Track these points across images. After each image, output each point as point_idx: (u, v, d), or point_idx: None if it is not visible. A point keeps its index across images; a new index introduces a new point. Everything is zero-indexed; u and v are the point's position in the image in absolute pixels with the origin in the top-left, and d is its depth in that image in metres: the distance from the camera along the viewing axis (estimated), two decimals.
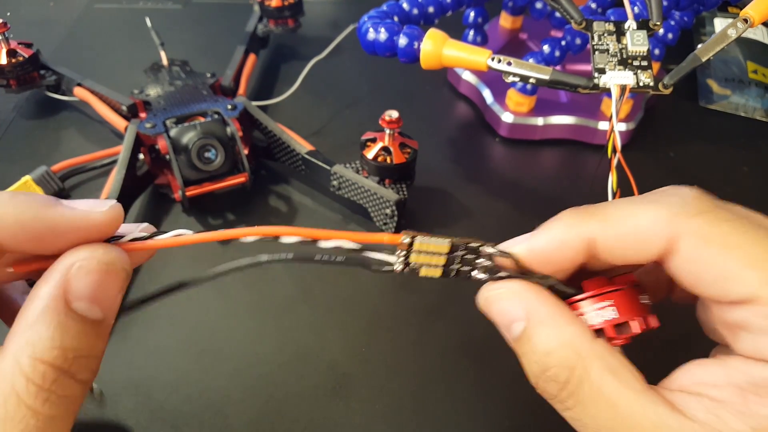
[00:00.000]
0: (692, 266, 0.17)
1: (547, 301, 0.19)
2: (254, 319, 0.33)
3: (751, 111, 0.48)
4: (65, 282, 0.16)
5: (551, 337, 0.18)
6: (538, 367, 0.18)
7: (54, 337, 0.16)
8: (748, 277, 0.16)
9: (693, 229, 0.17)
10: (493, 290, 0.20)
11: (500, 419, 0.29)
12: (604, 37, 0.30)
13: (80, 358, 0.16)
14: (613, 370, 0.18)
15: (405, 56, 0.34)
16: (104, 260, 0.17)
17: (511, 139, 0.45)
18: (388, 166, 0.36)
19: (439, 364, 0.31)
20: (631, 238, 0.18)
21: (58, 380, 0.16)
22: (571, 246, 0.19)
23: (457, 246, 0.19)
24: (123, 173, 0.36)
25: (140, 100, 0.40)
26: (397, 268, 0.20)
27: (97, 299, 0.17)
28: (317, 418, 0.29)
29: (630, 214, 0.18)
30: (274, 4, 0.50)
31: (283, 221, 0.39)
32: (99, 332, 0.17)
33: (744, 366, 0.17)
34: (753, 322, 0.17)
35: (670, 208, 0.18)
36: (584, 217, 0.19)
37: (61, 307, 0.16)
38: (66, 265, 0.17)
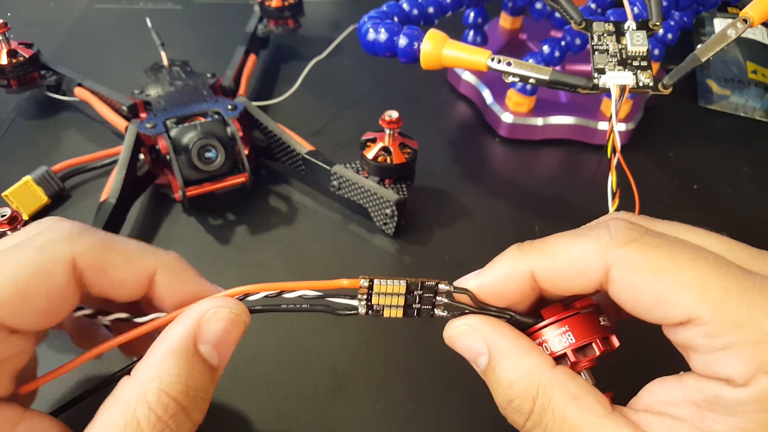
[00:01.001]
0: (628, 293, 0.18)
1: (506, 334, 0.20)
2: (254, 319, 0.33)
3: (750, 111, 0.48)
4: (199, 324, 0.18)
5: (512, 369, 0.19)
6: (504, 398, 0.19)
7: (181, 374, 0.17)
8: (681, 299, 0.17)
9: (622, 258, 0.18)
10: (454, 327, 0.21)
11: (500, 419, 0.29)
12: (604, 37, 0.31)
13: (197, 399, 0.18)
14: (575, 396, 0.18)
15: (405, 56, 0.34)
16: (235, 310, 0.19)
17: (511, 139, 0.45)
18: (388, 166, 0.36)
19: (439, 365, 0.31)
20: (566, 271, 0.19)
21: (177, 415, 0.17)
22: (515, 279, 0.20)
23: (414, 285, 0.20)
24: (123, 173, 0.36)
25: (140, 100, 0.40)
26: (361, 311, 0.21)
27: (219, 346, 0.19)
28: (317, 418, 0.29)
29: (562, 248, 0.19)
30: (275, 5, 0.50)
31: (283, 221, 0.39)
32: (213, 377, 0.19)
33: (698, 383, 0.17)
34: (696, 342, 0.17)
35: (599, 240, 0.18)
36: (524, 251, 0.20)
37: (190, 348, 0.18)
38: (200, 310, 0.19)
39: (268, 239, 0.38)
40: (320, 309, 0.21)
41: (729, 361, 0.16)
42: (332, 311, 0.21)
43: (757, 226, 0.40)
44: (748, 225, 0.39)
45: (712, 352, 0.17)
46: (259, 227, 0.38)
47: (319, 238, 0.38)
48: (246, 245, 0.37)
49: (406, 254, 0.37)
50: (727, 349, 0.16)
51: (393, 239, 0.37)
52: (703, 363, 0.17)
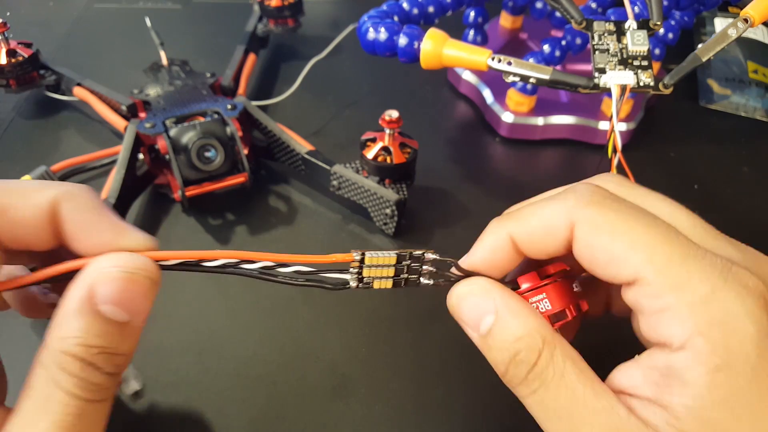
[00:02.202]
0: (587, 250, 0.19)
1: (513, 295, 0.21)
2: (254, 319, 0.33)
3: (751, 111, 0.48)
4: (92, 286, 0.18)
5: (520, 325, 0.20)
6: (508, 353, 0.20)
7: (79, 336, 0.18)
8: (632, 258, 0.18)
9: (585, 218, 0.19)
10: (463, 288, 0.22)
11: (501, 419, 0.29)
12: (605, 36, 0.30)
13: (104, 354, 0.18)
14: (573, 359, 0.19)
15: (405, 56, 0.34)
16: (126, 268, 0.19)
17: (512, 138, 0.45)
18: (388, 166, 0.36)
19: (439, 365, 0.31)
20: (540, 231, 0.20)
21: (85, 370, 0.18)
22: (499, 247, 0.21)
23: (403, 256, 0.21)
24: (123, 173, 0.36)
25: (140, 99, 0.40)
26: (352, 284, 0.21)
27: (121, 303, 0.18)
28: (317, 418, 0.29)
29: (535, 212, 0.21)
30: (274, 4, 0.50)
31: (283, 221, 0.39)
32: (124, 333, 0.19)
33: (650, 359, 0.18)
34: (642, 303, 0.18)
35: (566, 202, 0.20)
36: (502, 220, 0.22)
37: (87, 309, 0.18)
38: (91, 271, 0.19)
39: (268, 239, 0.37)
40: (312, 284, 0.21)
41: (668, 322, 0.18)
42: (323, 286, 0.21)
43: (757, 226, 0.40)
44: (748, 225, 0.39)
45: (654, 314, 0.18)
46: (258, 227, 0.38)
47: (319, 238, 0.38)
48: (246, 245, 0.37)
49: None
50: (666, 311, 0.18)
51: (393, 239, 0.37)
52: (646, 325, 0.18)
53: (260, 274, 0.21)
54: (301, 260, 0.21)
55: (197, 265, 0.21)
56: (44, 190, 0.19)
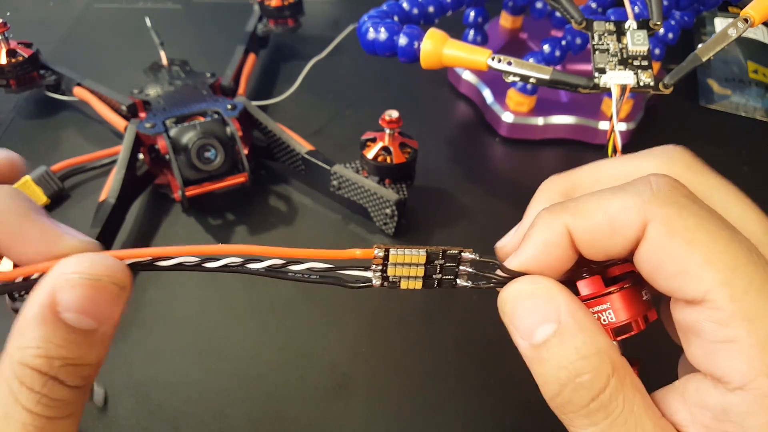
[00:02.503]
0: (655, 255, 0.17)
1: (581, 306, 0.18)
2: (254, 319, 0.33)
3: (751, 111, 0.48)
4: (53, 293, 0.16)
5: (589, 342, 0.17)
6: (567, 373, 0.17)
7: (39, 346, 0.16)
8: (705, 276, 0.16)
9: (661, 218, 0.17)
10: (527, 285, 0.18)
11: (501, 419, 0.29)
12: (605, 36, 0.30)
13: (68, 366, 0.16)
14: (641, 391, 0.17)
15: (405, 56, 0.34)
16: (89, 274, 0.17)
17: (512, 138, 0.45)
18: (388, 166, 0.36)
19: (439, 365, 0.31)
20: (604, 227, 0.17)
21: (47, 385, 0.16)
22: (556, 244, 0.18)
23: (435, 255, 0.19)
24: (123, 173, 0.36)
25: (140, 99, 0.40)
26: (375, 283, 0.19)
27: (86, 311, 0.17)
28: (317, 418, 0.29)
29: (599, 205, 0.18)
30: (274, 4, 0.50)
31: (283, 221, 0.39)
32: (92, 341, 0.17)
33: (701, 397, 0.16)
34: (703, 327, 0.16)
35: (640, 196, 0.17)
36: (556, 212, 0.18)
37: (48, 317, 0.16)
38: (53, 276, 0.17)
39: (268, 239, 0.37)
40: (330, 281, 0.19)
41: (730, 356, 0.15)
42: (342, 284, 0.19)
43: None
44: None
45: (716, 342, 0.16)
46: (258, 227, 0.38)
47: (319, 238, 0.38)
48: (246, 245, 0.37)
49: None
50: (732, 343, 0.15)
51: (393, 239, 0.37)
52: (702, 352, 0.16)
53: (267, 272, 0.19)
54: (315, 255, 0.18)
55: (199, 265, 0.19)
56: None
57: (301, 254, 0.19)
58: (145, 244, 0.37)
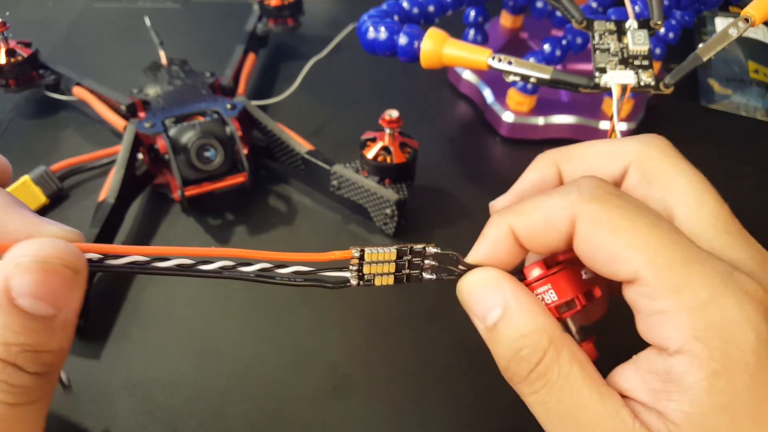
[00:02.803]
0: (587, 247, 0.19)
1: (523, 291, 0.20)
2: (254, 319, 0.33)
3: (752, 111, 0.48)
4: (6, 279, 0.16)
5: (527, 322, 0.19)
6: (511, 349, 0.19)
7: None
8: (631, 257, 0.18)
9: (587, 213, 0.19)
10: (476, 275, 0.21)
11: (501, 419, 0.29)
12: (605, 36, 0.30)
13: (27, 353, 0.16)
14: (580, 361, 0.19)
15: (405, 55, 0.34)
16: (41, 257, 0.17)
17: (512, 138, 0.45)
18: (388, 165, 0.36)
19: (439, 365, 0.31)
20: (541, 225, 0.20)
21: (6, 371, 0.16)
22: (502, 241, 0.21)
23: (403, 251, 0.21)
24: (122, 173, 0.36)
25: (139, 99, 0.40)
26: (353, 282, 0.21)
27: (42, 296, 0.16)
28: (317, 418, 0.29)
29: (536, 206, 0.20)
30: (274, 3, 0.50)
31: (283, 221, 0.38)
32: (52, 328, 0.17)
33: (648, 362, 0.18)
34: (640, 303, 0.18)
35: (569, 196, 0.19)
36: (504, 213, 0.21)
37: (4, 304, 0.16)
38: (5, 262, 0.17)
39: (268, 239, 0.37)
40: (312, 284, 0.21)
41: (665, 325, 0.17)
42: (323, 285, 0.21)
43: (758, 226, 0.39)
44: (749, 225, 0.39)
45: (652, 315, 0.18)
46: (258, 227, 0.38)
47: (319, 238, 0.38)
48: (245, 245, 0.37)
49: None
50: (664, 314, 0.17)
51: (393, 239, 0.37)
52: (644, 326, 0.18)
53: (257, 277, 0.20)
54: (298, 258, 0.20)
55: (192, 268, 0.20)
56: None
57: (284, 257, 0.20)
58: (144, 244, 0.37)
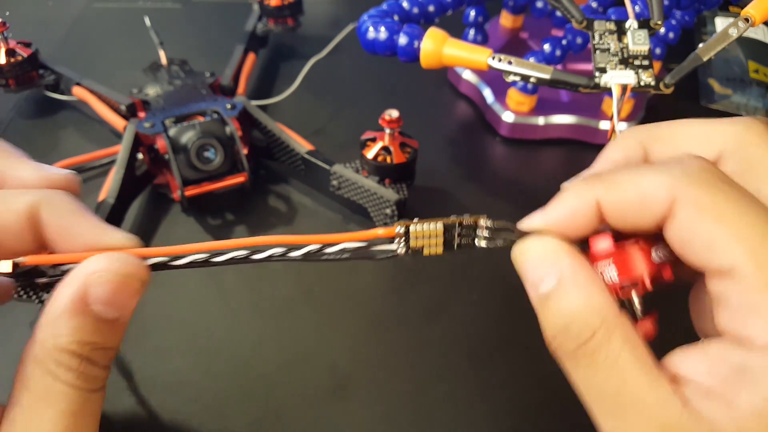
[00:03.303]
0: (684, 232, 0.18)
1: (582, 265, 0.19)
2: (254, 319, 0.33)
3: (752, 111, 0.48)
4: (85, 288, 0.19)
5: (581, 299, 0.18)
6: (560, 322, 0.19)
7: (73, 333, 0.18)
8: (732, 248, 0.17)
9: (691, 197, 0.18)
10: (535, 242, 0.20)
11: (501, 419, 0.29)
12: (605, 36, 0.30)
13: (97, 350, 0.19)
14: (632, 343, 0.18)
15: (405, 55, 0.34)
16: (121, 273, 0.19)
17: (512, 138, 0.45)
18: (388, 165, 0.36)
19: (440, 365, 0.31)
20: (634, 202, 0.19)
21: (83, 364, 0.19)
22: (583, 213, 0.19)
23: (451, 226, 0.21)
24: (122, 173, 0.36)
25: (139, 99, 0.40)
26: (400, 251, 0.21)
27: (112, 304, 0.19)
28: (317, 419, 0.29)
29: (632, 180, 0.19)
30: (274, 3, 0.50)
31: (283, 221, 0.38)
32: (115, 328, 0.20)
33: (722, 352, 0.17)
34: (731, 297, 0.17)
35: (672, 175, 0.18)
36: (591, 182, 0.20)
37: (79, 308, 0.19)
38: (86, 272, 0.19)
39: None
40: (360, 256, 0.21)
41: (755, 320, 0.16)
42: (370, 257, 0.21)
43: None
44: None
45: (742, 310, 0.17)
46: (258, 227, 0.38)
47: None
48: None
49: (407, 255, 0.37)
50: (756, 311, 0.16)
51: None
52: (728, 317, 0.17)
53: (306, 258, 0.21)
54: (340, 239, 0.21)
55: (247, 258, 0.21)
56: (22, 196, 0.20)
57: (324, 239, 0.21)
58: (145, 244, 0.37)
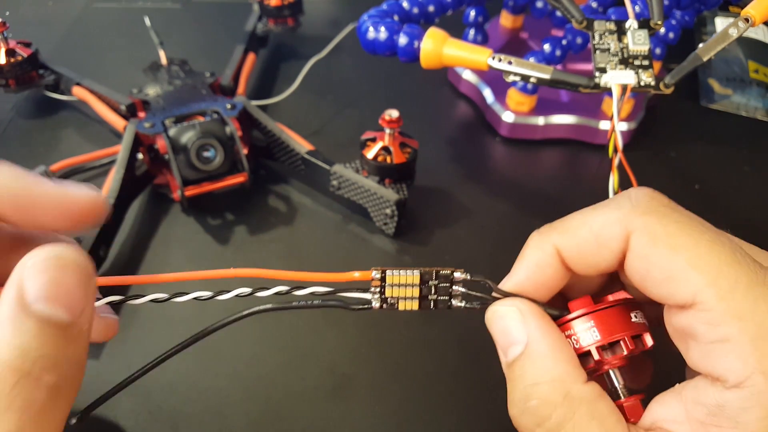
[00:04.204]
0: (641, 264, 0.17)
1: (550, 331, 0.18)
2: (254, 319, 0.33)
3: (752, 111, 0.48)
4: (20, 281, 0.16)
5: (544, 369, 0.18)
6: (521, 395, 0.18)
7: (12, 341, 0.15)
8: (692, 278, 0.16)
9: (642, 227, 0.17)
10: (502, 306, 0.19)
11: (501, 420, 0.29)
12: (605, 36, 0.30)
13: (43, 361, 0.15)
14: (599, 418, 0.17)
15: (405, 55, 0.34)
16: (55, 256, 0.16)
17: (512, 138, 0.45)
18: (388, 165, 0.36)
19: (439, 365, 0.31)
20: (590, 242, 0.18)
21: (20, 383, 0.15)
22: (547, 264, 0.19)
23: (428, 275, 0.20)
24: (122, 173, 0.36)
25: (139, 99, 0.40)
26: (375, 305, 0.20)
27: (56, 299, 0.16)
28: (317, 419, 0.29)
29: (584, 221, 0.19)
30: (274, 3, 0.49)
31: (283, 221, 0.38)
32: (67, 335, 0.16)
33: (697, 394, 0.17)
34: (697, 329, 0.16)
35: (620, 209, 0.18)
36: (544, 232, 0.19)
37: (17, 309, 0.15)
38: (21, 264, 0.16)
39: (268, 239, 0.37)
40: (333, 305, 0.20)
41: (725, 355, 0.16)
42: (345, 306, 0.20)
43: (759, 226, 0.39)
44: (749, 225, 0.39)
45: (710, 343, 0.16)
46: (258, 227, 0.38)
47: (319, 238, 0.38)
48: (245, 245, 0.37)
49: (406, 254, 0.37)
50: (725, 342, 0.16)
51: (393, 239, 0.37)
52: (699, 354, 0.17)
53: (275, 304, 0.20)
54: (316, 278, 0.20)
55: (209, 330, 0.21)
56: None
57: (302, 277, 0.20)
58: (144, 244, 0.37)
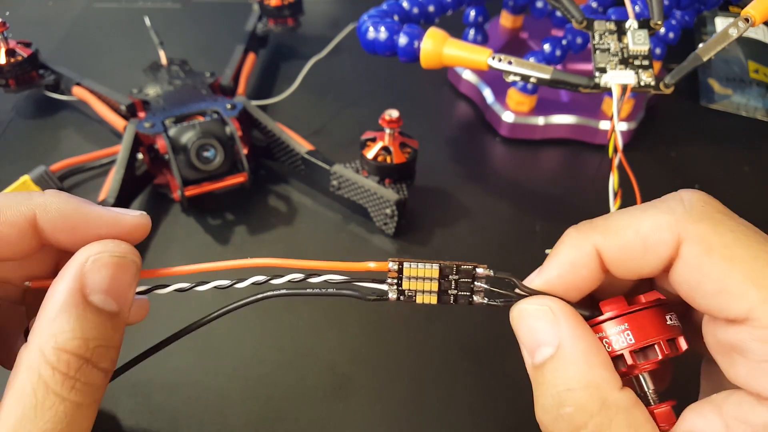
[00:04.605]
0: (692, 275, 0.16)
1: (584, 334, 0.17)
2: (254, 319, 0.33)
3: (752, 111, 0.48)
4: (82, 276, 0.17)
5: (579, 374, 0.17)
6: (553, 401, 0.17)
7: (75, 329, 0.17)
8: (748, 293, 0.15)
9: (696, 235, 0.16)
10: (532, 304, 0.18)
11: (501, 420, 0.29)
12: (605, 36, 0.30)
13: (100, 348, 0.17)
14: (635, 426, 0.16)
15: (405, 55, 0.34)
16: (116, 253, 0.18)
17: (512, 138, 0.45)
18: (388, 165, 0.36)
19: (439, 365, 0.31)
20: (636, 248, 0.17)
21: (82, 368, 0.17)
22: (583, 264, 0.18)
23: (448, 269, 0.19)
24: (122, 173, 0.36)
25: (139, 99, 0.40)
26: (391, 296, 0.19)
27: (111, 292, 0.18)
28: (317, 418, 0.29)
29: (630, 223, 0.17)
30: (274, 3, 0.49)
31: (283, 221, 0.38)
32: (115, 324, 0.18)
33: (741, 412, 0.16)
34: (749, 346, 0.16)
35: (672, 213, 0.17)
36: (585, 231, 0.18)
37: (79, 300, 0.17)
38: (81, 259, 0.17)
39: (268, 239, 0.37)
40: (347, 294, 0.19)
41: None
42: (360, 296, 0.19)
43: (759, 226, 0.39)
44: None
45: (762, 362, 0.15)
46: (258, 227, 0.38)
47: (319, 238, 0.38)
48: (245, 245, 0.37)
49: (406, 254, 0.37)
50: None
51: (393, 239, 0.37)
52: (747, 371, 0.16)
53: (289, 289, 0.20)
54: (330, 267, 0.19)
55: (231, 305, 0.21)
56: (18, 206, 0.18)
57: (314, 266, 0.19)
58: (144, 244, 0.37)
